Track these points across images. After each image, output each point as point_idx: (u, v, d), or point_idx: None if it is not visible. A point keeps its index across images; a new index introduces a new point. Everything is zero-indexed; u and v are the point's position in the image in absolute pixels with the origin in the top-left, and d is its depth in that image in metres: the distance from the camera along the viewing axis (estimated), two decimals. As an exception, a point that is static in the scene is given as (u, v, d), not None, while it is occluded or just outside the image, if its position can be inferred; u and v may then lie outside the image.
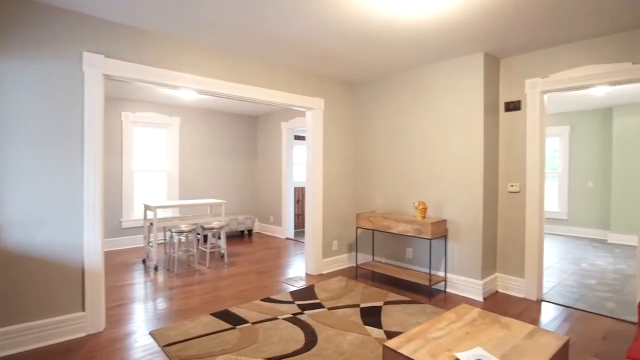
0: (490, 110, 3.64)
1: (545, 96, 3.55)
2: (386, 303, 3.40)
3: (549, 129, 7.50)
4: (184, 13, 2.73)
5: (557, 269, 4.75)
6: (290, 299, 3.49)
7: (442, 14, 2.71)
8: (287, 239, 6.64)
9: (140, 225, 5.92)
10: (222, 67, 3.50)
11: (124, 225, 5.78)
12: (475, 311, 2.24)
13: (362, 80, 4.66)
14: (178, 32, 3.09)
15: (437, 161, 3.88)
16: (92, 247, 2.74)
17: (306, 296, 3.57)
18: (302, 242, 6.34)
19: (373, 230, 4.09)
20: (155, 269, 4.55)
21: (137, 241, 5.92)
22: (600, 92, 5.52)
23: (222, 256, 5.23)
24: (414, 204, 3.74)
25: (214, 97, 4.58)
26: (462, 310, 2.24)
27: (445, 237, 3.80)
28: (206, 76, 3.39)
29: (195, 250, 4.69)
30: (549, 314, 3.25)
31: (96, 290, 2.78)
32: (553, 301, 3.54)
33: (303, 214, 7.38)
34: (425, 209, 3.70)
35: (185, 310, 3.27)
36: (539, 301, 3.54)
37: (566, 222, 7.32)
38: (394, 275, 3.86)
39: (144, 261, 4.92)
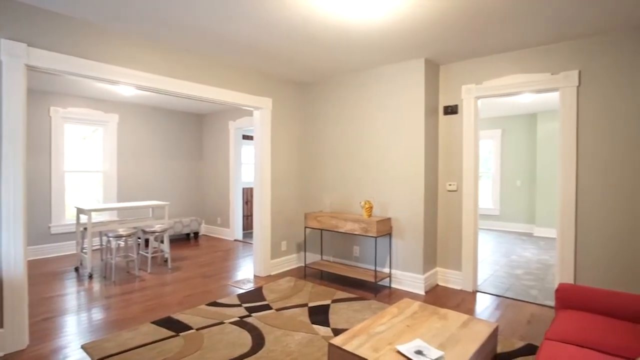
0: (431, 113, 3.84)
1: (479, 101, 3.82)
2: (334, 301, 3.46)
3: (484, 132, 8.09)
4: (120, 4, 2.57)
5: (491, 261, 5.14)
6: (238, 302, 3.42)
7: (385, 20, 2.81)
8: (235, 240, 6.49)
9: (72, 230, 5.47)
10: (165, 62, 3.34)
11: (54, 230, 5.30)
12: (416, 304, 2.35)
13: (311, 81, 4.70)
14: (114, 23, 2.90)
15: (382, 161, 4.02)
16: (12, 256, 2.48)
17: (254, 298, 3.52)
18: (251, 243, 6.24)
19: (321, 229, 4.14)
20: (90, 277, 4.22)
21: (69, 248, 5.45)
22: (527, 99, 6.07)
23: (166, 261, 4.99)
24: (360, 203, 3.85)
25: (157, 94, 4.36)
26: (404, 304, 2.35)
27: (390, 234, 3.94)
28: (148, 72, 3.21)
29: (135, 256, 4.42)
30: (483, 303, 3.50)
31: (17, 303, 2.51)
32: (486, 291, 3.82)
33: (252, 215, 7.26)
34: (371, 208, 3.82)
35: (124, 320, 3.08)
36: (475, 292, 3.81)
37: (498, 217, 7.94)
38: (341, 274, 3.93)
39: (76, 269, 4.55)
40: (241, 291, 3.77)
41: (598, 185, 3.13)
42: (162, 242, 5.43)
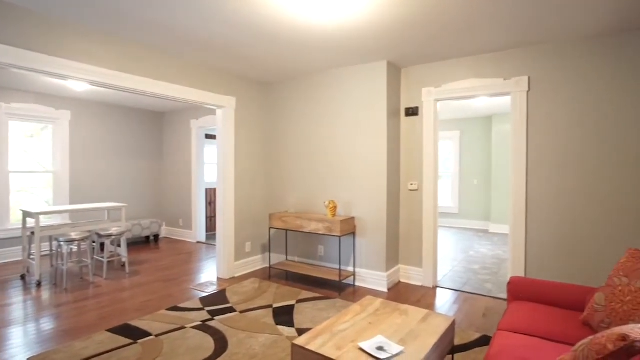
0: (393, 115, 3.94)
1: (438, 104, 3.97)
2: (299, 301, 3.46)
3: (444, 133, 8.41)
4: (70, -6, 2.43)
5: (450, 257, 5.35)
6: (200, 306, 3.33)
7: (350, 23, 2.85)
8: (198, 242, 6.32)
9: (18, 235, 5.09)
10: (121, 58, 3.19)
11: (-4, 236, 4.91)
12: (378, 302, 2.40)
13: (276, 81, 4.67)
14: (66, 14, 2.73)
15: (346, 162, 4.07)
16: (-53, 265, 2.27)
17: (217, 301, 3.45)
18: (215, 245, 6.11)
19: (286, 230, 4.13)
20: (38, 284, 3.95)
21: (14, 254, 5.07)
22: (482, 103, 6.37)
23: (123, 265, 4.77)
24: (324, 203, 3.88)
25: (113, 90, 4.16)
26: (367, 302, 2.39)
27: (354, 233, 4.00)
28: (102, 67, 3.05)
29: (89, 261, 4.19)
30: (442, 298, 3.64)
31: (-47, 316, 2.31)
32: (446, 286, 3.98)
33: (215, 216, 7.10)
34: (335, 207, 3.86)
35: (76, 329, 2.91)
36: (435, 287, 3.95)
37: (457, 215, 8.28)
38: (306, 274, 3.94)
39: (22, 277, 4.24)
40: (204, 294, 3.68)
41: (545, 185, 3.35)
42: (119, 245, 5.18)
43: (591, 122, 3.15)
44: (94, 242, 5.26)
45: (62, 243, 3.95)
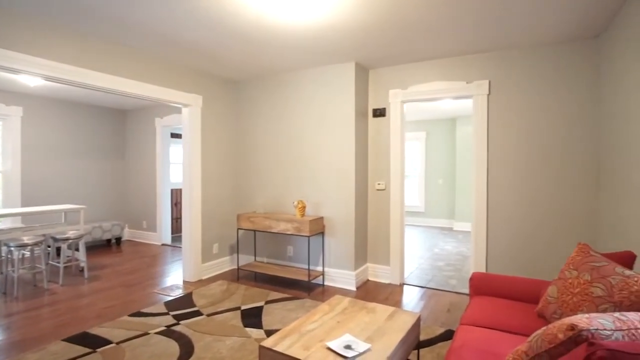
0: (361, 115, 3.99)
1: (405, 105, 4.06)
2: (267, 302, 3.43)
3: (411, 134, 8.62)
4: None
5: (416, 255, 5.49)
6: (165, 310, 3.23)
7: (318, 24, 2.86)
8: (163, 245, 6.12)
9: (-38, 240, 4.71)
10: (79, 52, 3.02)
11: (-63, 241, 4.52)
12: (346, 301, 2.42)
13: (243, 79, 4.60)
14: (16, 4, 2.55)
15: (314, 161, 4.08)
16: None
17: (183, 305, 3.36)
18: (181, 247, 5.91)
19: (255, 230, 4.08)
20: (-14, 293, 3.68)
21: (-43, 261, 4.69)
22: (447, 105, 6.59)
23: (82, 270, 4.54)
24: (293, 203, 3.88)
25: (69, 86, 3.95)
26: (335, 301, 2.41)
27: (322, 233, 4.02)
28: (58, 61, 2.88)
29: (43, 267, 3.95)
30: (409, 295, 3.73)
31: None
32: (412, 283, 4.08)
33: (182, 218, 6.90)
34: (304, 207, 3.86)
35: (29, 339, 2.73)
36: (402, 285, 4.04)
37: (423, 214, 8.51)
38: (275, 274, 3.92)
39: (-33, 285, 3.94)
40: (169, 298, 3.57)
41: (505, 185, 3.51)
42: (77, 249, 4.92)
43: (544, 127, 3.34)
44: (48, 246, 4.96)
45: (12, 248, 3.69)
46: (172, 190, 6.65)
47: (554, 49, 3.29)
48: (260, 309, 3.27)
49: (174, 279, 4.25)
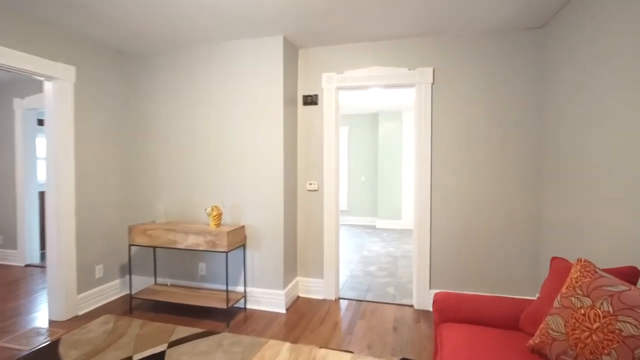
0: (290, 103, 3.33)
1: (340, 93, 3.51)
2: (172, 344, 2.57)
3: (333, 129, 8.22)
4: None
5: (346, 260, 5.05)
6: (8, 377, 2.17)
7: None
8: (28, 266, 4.67)
9: None
10: None
11: None
12: (285, 348, 1.76)
13: (140, 52, 3.56)
14: None
15: (234, 158, 3.30)
16: None
17: (41, 363, 2.32)
18: (54, 267, 4.57)
19: (154, 247, 3.13)
20: None
21: None
22: (371, 100, 6.29)
23: None
24: (206, 210, 3.04)
25: None
26: (269, 353, 1.73)
27: (244, 246, 3.27)
28: None
29: None
30: (347, 312, 3.20)
31: None
32: (349, 297, 3.57)
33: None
34: (219, 215, 3.06)
35: None
36: (338, 299, 3.51)
37: (347, 212, 8.21)
38: (182, 302, 3.05)
39: None
40: (24, 353, 2.48)
41: (450, 186, 3.19)
42: None
43: (491, 121, 3.09)
44: None
45: None
46: (40, 192, 5.14)
47: (501, 38, 3.04)
48: (161, 355, 2.41)
49: (36, 318, 3.08)
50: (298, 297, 3.55)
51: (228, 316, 3.11)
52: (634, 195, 1.85)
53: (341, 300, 3.49)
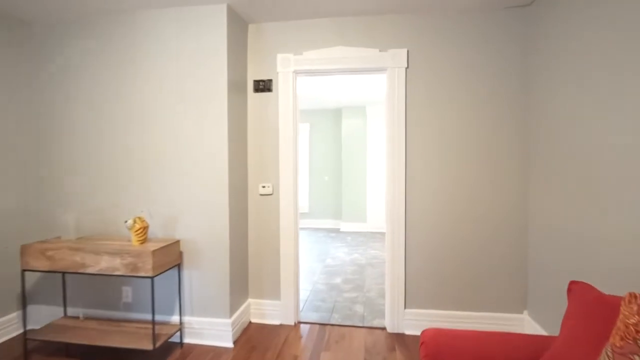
0: (237, 88, 2.72)
1: (299, 78, 2.95)
2: (71, 408, 1.89)
3: (293, 126, 7.64)
4: None
5: (307, 270, 4.50)
6: None
7: None
8: None
9: None
10: None
11: None
12: None
13: (46, 19, 2.77)
14: None
15: (166, 156, 2.64)
16: None
17: None
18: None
19: (57, 272, 2.39)
20: None
21: None
22: (333, 92, 5.79)
23: None
24: (126, 222, 2.35)
25: None
26: None
27: (179, 265, 2.62)
28: None
29: None
30: (309, 341, 2.66)
31: None
32: (311, 320, 3.02)
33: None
34: (144, 228, 2.39)
35: None
36: (298, 324, 2.95)
37: (308, 215, 7.66)
38: (99, 343, 2.34)
39: None
40: None
41: (428, 187, 2.73)
42: None
43: (472, 111, 2.66)
44: None
45: None
46: None
47: (484, 17, 2.62)
48: None
49: None
50: (250, 323, 2.95)
51: (158, 357, 2.45)
52: (671, 202, 1.45)
53: (302, 325, 2.94)
